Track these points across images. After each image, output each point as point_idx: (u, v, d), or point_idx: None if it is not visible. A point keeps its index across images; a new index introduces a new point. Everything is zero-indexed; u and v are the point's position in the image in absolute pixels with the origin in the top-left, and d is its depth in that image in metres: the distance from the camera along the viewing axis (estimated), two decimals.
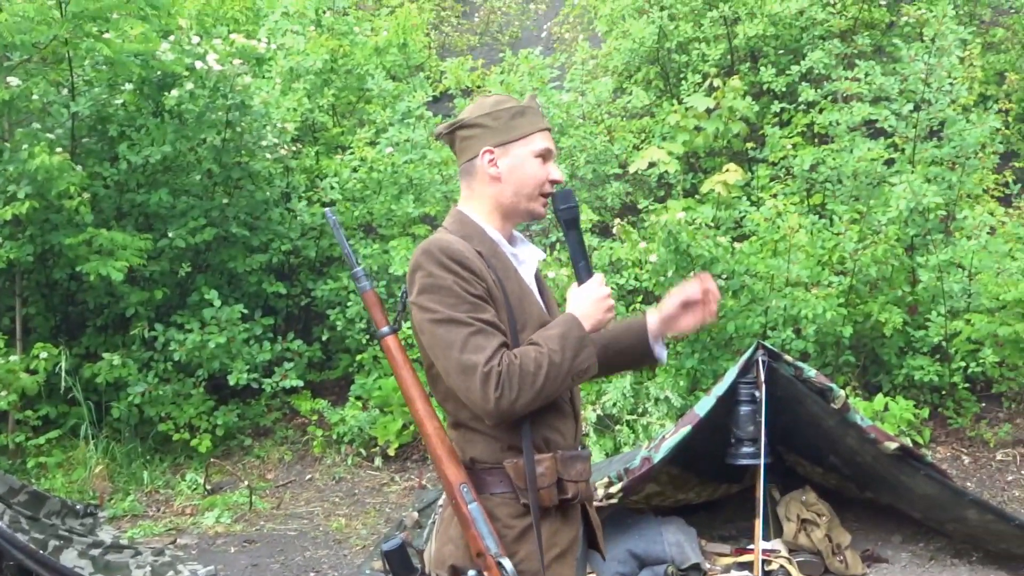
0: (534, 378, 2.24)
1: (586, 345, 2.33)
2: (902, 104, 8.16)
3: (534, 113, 2.49)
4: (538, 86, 9.34)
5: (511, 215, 2.49)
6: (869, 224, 7.74)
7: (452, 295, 2.29)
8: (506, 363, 2.23)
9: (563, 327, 2.34)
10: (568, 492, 2.36)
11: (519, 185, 2.45)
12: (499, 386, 2.22)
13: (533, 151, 2.45)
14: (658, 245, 7.32)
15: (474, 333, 2.26)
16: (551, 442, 2.37)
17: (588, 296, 2.40)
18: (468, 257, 2.33)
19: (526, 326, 2.37)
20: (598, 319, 2.38)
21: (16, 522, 5.35)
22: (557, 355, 2.27)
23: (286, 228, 8.92)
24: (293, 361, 8.41)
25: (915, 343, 7.51)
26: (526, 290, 2.44)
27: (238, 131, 8.51)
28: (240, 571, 5.79)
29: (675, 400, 7.21)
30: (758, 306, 7.43)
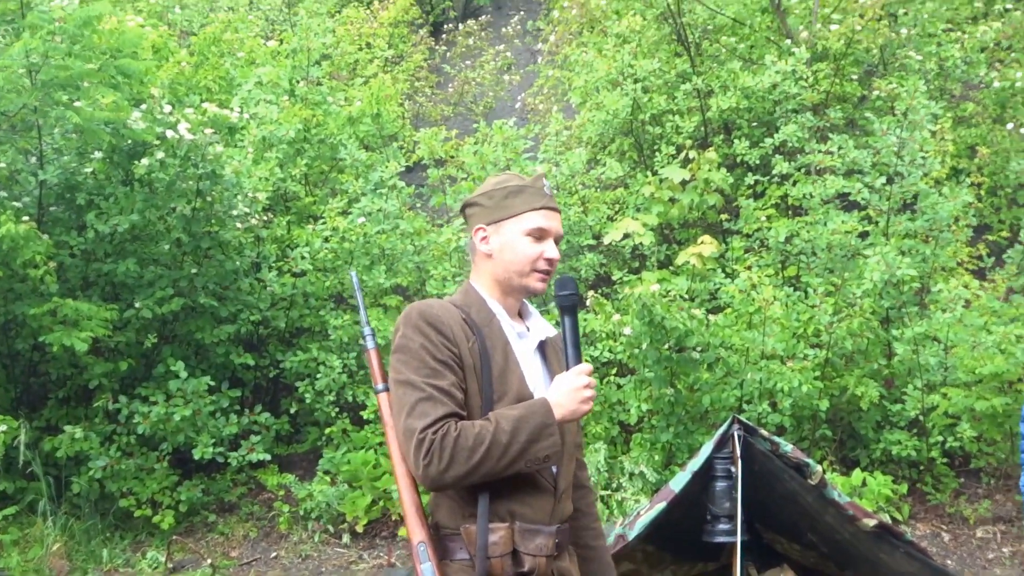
0: (470, 453, 2.28)
1: (549, 433, 2.36)
2: (875, 177, 8.27)
3: (532, 192, 2.56)
4: (512, 157, 9.41)
5: (509, 290, 2.56)
6: (844, 296, 7.77)
7: (416, 358, 2.38)
8: (442, 433, 2.29)
9: (526, 410, 2.38)
10: (524, 565, 2.37)
11: (509, 263, 2.53)
12: (428, 454, 2.27)
13: (524, 229, 2.52)
14: (632, 317, 7.33)
15: (424, 399, 2.33)
16: (515, 514, 2.39)
17: (567, 384, 2.43)
18: (444, 322, 2.41)
19: (503, 397, 2.42)
20: (571, 409, 2.41)
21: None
22: (505, 436, 2.31)
23: (255, 298, 8.89)
24: (260, 434, 8.31)
25: (892, 417, 7.51)
26: (512, 362, 2.48)
27: (208, 200, 8.49)
28: None
29: (650, 475, 7.17)
30: (733, 379, 7.43)
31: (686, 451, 7.23)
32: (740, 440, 4.88)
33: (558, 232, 2.60)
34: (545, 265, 2.53)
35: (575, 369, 2.46)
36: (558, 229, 2.60)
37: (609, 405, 7.93)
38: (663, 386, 7.42)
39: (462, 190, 9.35)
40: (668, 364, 7.39)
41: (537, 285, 2.54)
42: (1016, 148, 9.76)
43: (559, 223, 2.61)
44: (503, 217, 2.54)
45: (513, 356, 2.50)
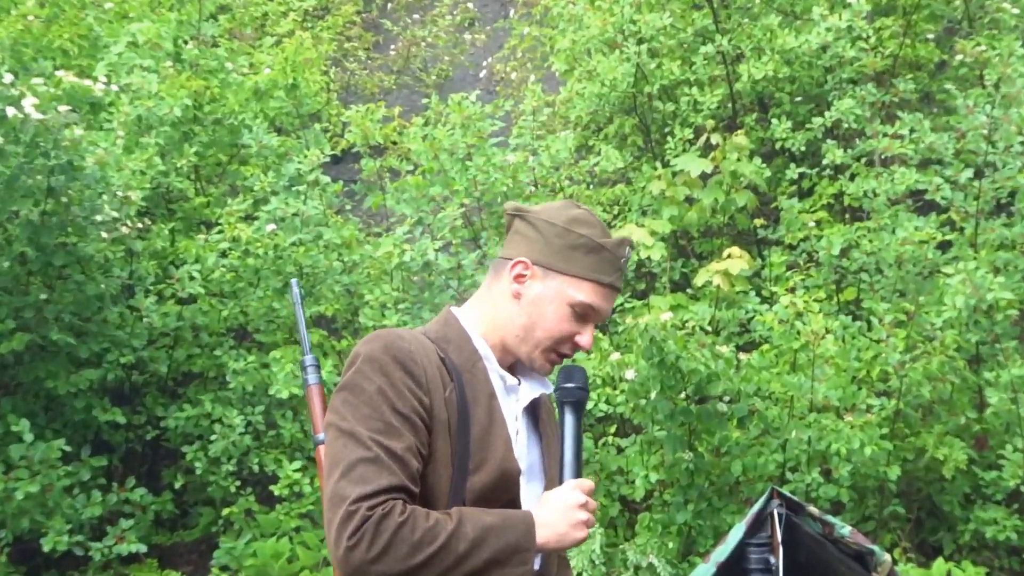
0: (412, 550, 2.27)
1: (522, 561, 2.37)
2: (959, 169, 8.29)
3: (607, 260, 2.59)
4: (475, 143, 9.40)
5: (509, 350, 2.62)
6: (919, 328, 7.79)
7: (369, 404, 2.37)
8: (382, 513, 2.27)
9: (502, 520, 2.38)
10: None
11: (533, 323, 2.59)
12: (357, 534, 2.26)
13: (573, 299, 2.57)
14: (637, 357, 7.31)
15: (367, 460, 2.32)
16: None
17: (560, 501, 2.45)
18: (416, 361, 2.42)
19: (481, 467, 2.44)
20: (559, 533, 2.42)
21: None
22: (464, 545, 2.30)
23: (127, 334, 8.80)
24: (134, 517, 8.22)
25: (986, 488, 7.52)
26: (498, 424, 2.50)
27: (64, 202, 8.42)
28: None
29: (662, 568, 7.14)
30: (773, 439, 7.43)
31: (710, 536, 7.23)
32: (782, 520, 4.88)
33: (605, 317, 2.67)
34: (569, 350, 2.60)
35: (572, 483, 2.48)
36: (607, 314, 2.67)
37: (607, 475, 7.90)
38: (679, 449, 7.39)
39: (406, 187, 9.34)
40: (685, 419, 7.37)
41: (545, 366, 2.60)
42: None
43: (611, 307, 2.68)
44: (560, 269, 2.58)
45: (499, 415, 2.53)
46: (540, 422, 2.68)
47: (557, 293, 2.57)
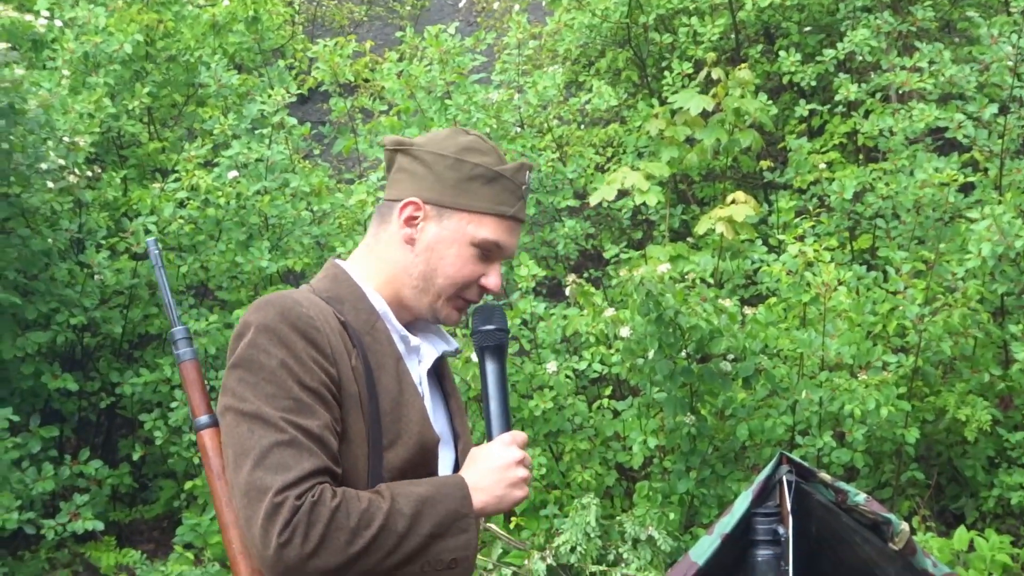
0: (351, 538, 2.19)
1: (462, 528, 2.31)
2: (982, 104, 8.27)
3: (508, 189, 2.51)
4: (454, 80, 9.38)
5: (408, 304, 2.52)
6: (940, 279, 7.80)
7: (274, 382, 2.26)
8: (311, 500, 2.18)
9: (435, 489, 2.32)
10: None
11: (433, 269, 2.48)
12: (288, 527, 2.16)
13: (474, 237, 2.48)
14: (633, 312, 7.31)
15: (283, 444, 2.21)
16: None
17: (489, 460, 2.40)
18: (318, 328, 2.31)
19: (395, 442, 2.36)
20: (497, 496, 2.38)
21: None
22: (403, 522, 2.23)
23: (77, 293, 8.80)
24: (89, 492, 8.24)
25: (1011, 451, 7.57)
26: (408, 390, 2.43)
27: (4, 149, 8.41)
28: None
29: (662, 542, 7.17)
30: (781, 401, 7.46)
31: (714, 505, 7.27)
32: (792, 488, 4.92)
33: (511, 254, 2.56)
34: (476, 295, 2.52)
35: (504, 438, 2.41)
36: (514, 250, 2.56)
37: (602, 441, 7.93)
38: (680, 412, 7.40)
39: (380, 129, 9.32)
40: (686, 380, 7.38)
41: (453, 314, 2.52)
42: None
43: (517, 241, 2.58)
44: (456, 206, 2.48)
45: (409, 380, 2.45)
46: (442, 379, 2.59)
47: (456, 233, 2.45)
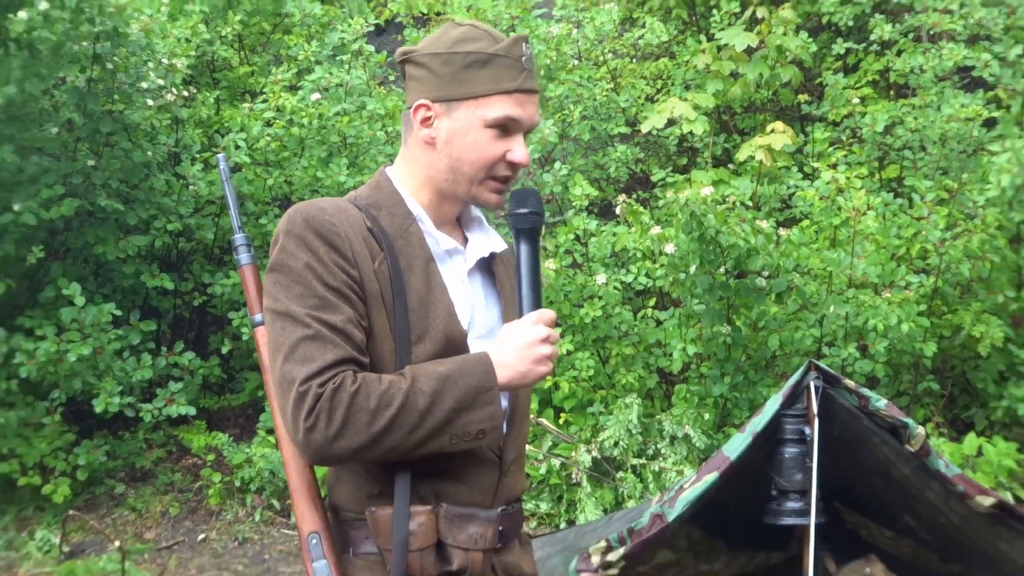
0: (372, 417, 2.18)
1: (487, 401, 2.27)
2: (1009, 45, 8.18)
3: (506, 65, 2.39)
4: (519, 14, 9.34)
5: (447, 197, 2.47)
6: (961, 206, 7.76)
7: (300, 282, 2.27)
8: (333, 387, 2.18)
9: (457, 367, 2.28)
10: (453, 562, 2.32)
11: (457, 160, 2.41)
12: (313, 414, 2.17)
13: (486, 118, 2.39)
14: (677, 231, 7.32)
15: (308, 338, 2.22)
16: (441, 494, 2.35)
17: (518, 337, 2.34)
18: (339, 233, 2.30)
19: (424, 337, 2.34)
20: (520, 371, 2.32)
21: None
22: (424, 400, 2.21)
23: (174, 201, 8.86)
24: (182, 381, 8.35)
25: (1020, 366, 7.56)
26: (437, 288, 2.39)
27: (110, 69, 8.43)
28: None
29: (697, 439, 7.22)
30: (811, 315, 7.46)
31: (746, 408, 7.31)
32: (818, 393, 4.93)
33: (532, 123, 2.44)
34: (507, 171, 2.42)
35: (531, 317, 2.35)
36: (533, 118, 2.44)
37: (645, 347, 7.97)
38: (717, 322, 7.44)
39: None
40: (724, 293, 7.40)
41: (490, 197, 2.44)
42: None
43: (536, 110, 2.45)
44: (460, 96, 2.38)
45: (438, 280, 2.40)
46: (498, 281, 2.53)
47: (467, 121, 2.36)
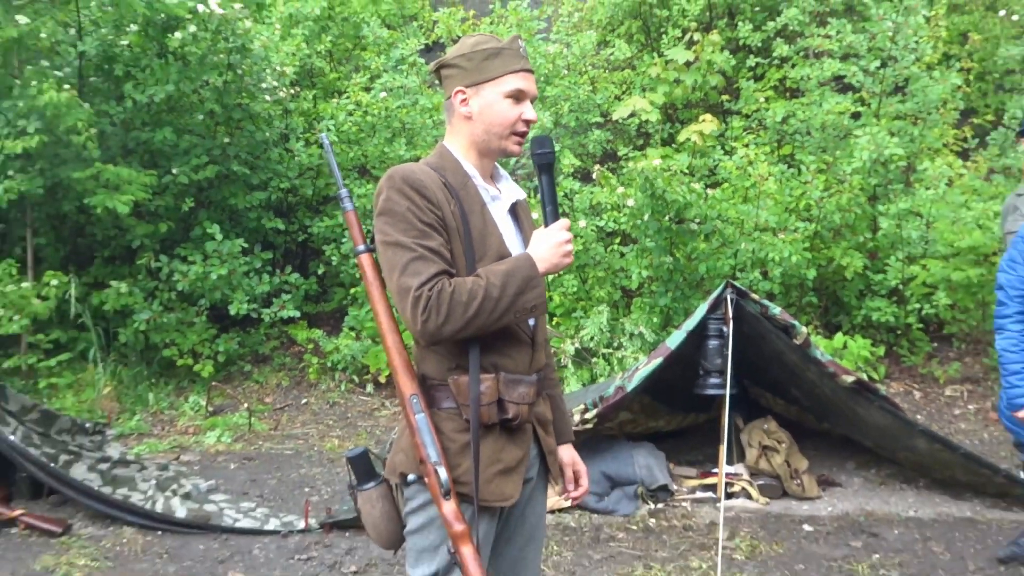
0: (465, 307, 2.22)
1: (535, 285, 2.30)
2: (870, 61, 8.12)
3: (510, 54, 2.41)
4: (525, 37, 9.26)
5: (486, 152, 2.45)
6: (835, 174, 7.72)
7: (404, 220, 2.27)
8: (438, 290, 2.22)
9: (513, 264, 2.31)
10: (509, 412, 2.36)
11: (489, 124, 2.40)
12: (426, 310, 2.20)
13: (503, 92, 2.39)
14: (636, 190, 7.31)
15: (415, 259, 2.25)
16: (498, 365, 2.36)
17: (548, 240, 2.36)
18: (427, 186, 2.31)
19: (484, 257, 2.34)
20: (553, 263, 2.34)
21: (28, 438, 5.38)
22: (496, 290, 2.25)
23: (284, 168, 8.87)
24: (290, 293, 8.40)
25: (874, 286, 7.55)
26: (490, 224, 2.40)
27: (239, 73, 8.42)
28: (239, 486, 5.84)
29: (648, 335, 7.24)
30: (728, 249, 7.44)
31: (682, 314, 7.29)
32: (733, 303, 4.92)
33: (534, 93, 2.46)
34: (523, 127, 2.42)
35: (555, 225, 2.37)
36: (534, 90, 2.46)
37: (612, 272, 7.96)
38: (663, 255, 7.43)
39: None
40: (668, 234, 7.39)
41: (514, 147, 2.43)
42: (1006, 35, 9.57)
43: (535, 84, 2.47)
44: (483, 80, 2.39)
45: (491, 217, 2.41)
46: (520, 222, 2.51)
47: (491, 95, 2.37)
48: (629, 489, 5.40)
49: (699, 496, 5.52)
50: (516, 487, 2.38)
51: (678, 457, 5.96)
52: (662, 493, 5.47)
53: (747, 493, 5.52)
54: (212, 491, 5.66)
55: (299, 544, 4.88)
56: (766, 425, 5.81)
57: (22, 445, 5.15)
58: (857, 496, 5.58)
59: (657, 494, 5.46)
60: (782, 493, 5.56)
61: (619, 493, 5.38)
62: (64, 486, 5.13)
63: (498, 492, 2.35)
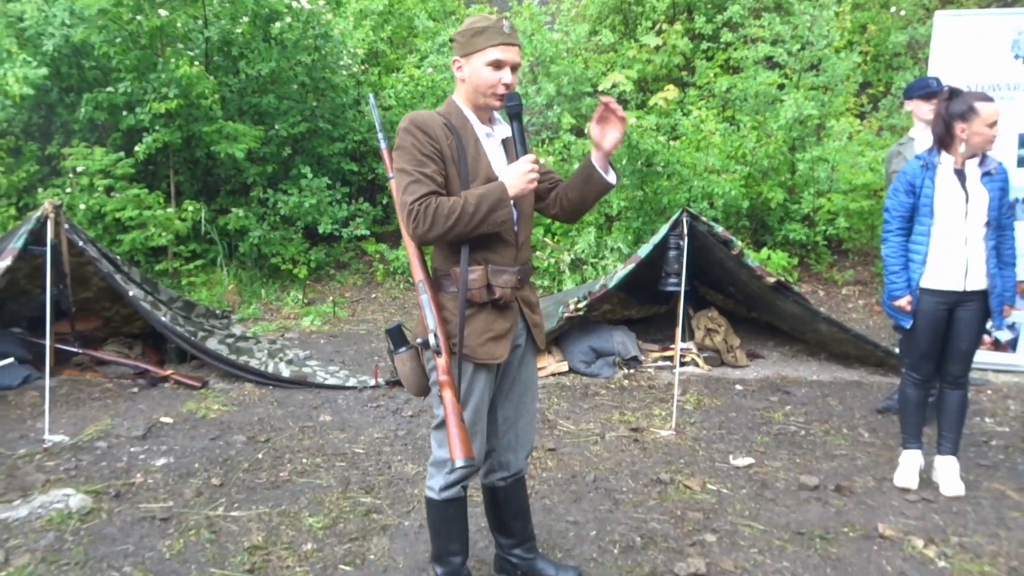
0: (446, 219, 2.19)
1: (502, 205, 2.23)
2: (792, 45, 7.83)
3: (493, 31, 2.28)
4: (536, 28, 8.94)
5: (478, 106, 2.36)
6: (764, 130, 7.52)
7: (408, 153, 2.23)
8: (425, 205, 2.19)
9: (487, 189, 2.25)
10: (496, 294, 2.32)
11: (476, 86, 2.31)
12: (415, 220, 2.18)
13: (485, 61, 2.27)
14: None
15: (412, 182, 2.21)
16: (488, 259, 2.32)
17: (516, 169, 2.28)
18: (429, 125, 2.25)
19: (476, 178, 2.29)
20: (520, 187, 2.27)
21: (175, 320, 5.38)
22: (471, 207, 2.20)
23: (357, 125, 8.70)
24: (362, 217, 8.31)
25: (791, 214, 7.43)
26: (482, 153, 2.33)
27: (323, 54, 8.20)
28: (327, 355, 5.84)
29: (625, 249, 7.16)
30: (684, 186, 7.28)
31: (649, 233, 7.19)
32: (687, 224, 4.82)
33: (515, 62, 2.30)
34: (502, 89, 2.29)
35: (522, 159, 2.29)
36: (515, 59, 2.30)
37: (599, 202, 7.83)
38: (636, 190, 7.29)
39: None
40: (640, 175, 7.24)
41: (495, 103, 2.33)
42: (895, 26, 9.19)
43: (517, 54, 2.31)
44: (470, 51, 2.29)
45: (483, 149, 2.34)
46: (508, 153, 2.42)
47: (476, 63, 2.26)
48: (609, 359, 5.38)
49: (660, 364, 5.50)
50: (505, 349, 2.37)
51: (645, 336, 5.92)
52: (633, 362, 5.45)
53: (695, 362, 5.49)
54: (308, 358, 5.68)
55: (371, 396, 4.89)
56: (710, 313, 5.76)
57: (171, 324, 5.16)
58: (775, 365, 5.55)
59: (630, 363, 5.44)
60: (720, 363, 5.53)
61: (602, 362, 5.36)
62: (202, 354, 5.15)
63: (490, 353, 2.35)
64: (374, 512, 3.27)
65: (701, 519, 3.21)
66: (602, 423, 4.37)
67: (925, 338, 3.43)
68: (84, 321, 5.45)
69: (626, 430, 4.25)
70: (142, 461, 3.79)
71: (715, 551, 2.95)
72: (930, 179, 3.35)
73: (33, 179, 7.76)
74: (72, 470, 3.65)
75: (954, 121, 3.29)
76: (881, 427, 4.32)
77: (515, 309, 2.41)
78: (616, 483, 3.57)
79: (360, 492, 3.47)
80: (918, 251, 3.39)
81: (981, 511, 3.33)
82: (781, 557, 2.92)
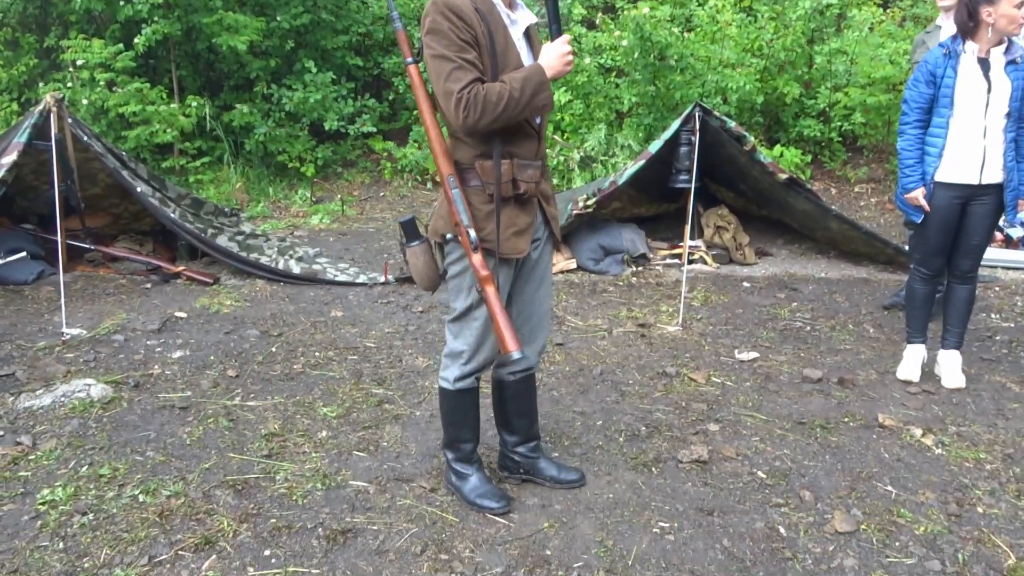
0: (495, 106, 2.13)
1: (544, 88, 2.19)
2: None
3: None
4: None
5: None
6: (782, 21, 7.25)
7: (445, 38, 2.14)
8: (474, 92, 2.11)
9: (528, 72, 2.19)
10: (520, 188, 2.29)
11: None
12: (466, 108, 2.11)
13: None
14: (629, 33, 6.90)
15: (456, 68, 2.13)
16: (512, 153, 2.28)
17: (553, 51, 2.22)
18: (463, 9, 2.15)
19: (506, 68, 2.22)
20: (558, 69, 2.22)
21: (184, 217, 5.38)
22: (517, 92, 2.15)
23: (361, 16, 8.42)
24: (368, 114, 8.15)
25: (807, 109, 7.26)
26: (511, 41, 2.25)
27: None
28: (337, 252, 5.87)
29: (635, 147, 7.04)
30: (697, 81, 7.10)
31: (661, 130, 7.04)
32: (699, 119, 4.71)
33: None
34: None
35: (559, 40, 2.23)
36: None
37: (609, 98, 7.64)
38: (647, 85, 7.11)
39: None
40: (652, 69, 7.03)
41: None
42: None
43: None
44: None
45: (511, 37, 2.26)
46: (532, 41, 2.35)
47: None
48: (618, 256, 5.38)
49: (668, 262, 5.50)
50: (527, 243, 2.36)
51: (654, 234, 5.91)
52: (641, 259, 5.46)
53: (704, 260, 5.49)
54: (318, 255, 5.70)
55: (381, 292, 4.94)
56: (720, 211, 5.71)
57: (181, 221, 5.16)
58: (784, 263, 5.54)
59: (638, 260, 5.45)
60: (729, 260, 5.53)
61: (611, 259, 5.37)
62: (213, 251, 5.18)
63: (514, 247, 2.33)
64: (386, 403, 3.36)
65: (705, 410, 3.29)
66: (610, 319, 4.41)
67: (936, 233, 3.40)
68: (93, 218, 5.46)
69: (633, 326, 4.30)
70: (159, 354, 3.87)
71: (717, 439, 3.03)
72: (952, 68, 3.24)
73: (33, 73, 7.61)
74: (91, 362, 3.74)
75: (979, 5, 3.15)
76: (887, 323, 4.36)
77: (535, 203, 2.40)
78: (622, 376, 3.64)
79: (372, 384, 3.56)
80: (935, 144, 3.32)
81: (981, 402, 3.39)
82: (782, 445, 3.00)
